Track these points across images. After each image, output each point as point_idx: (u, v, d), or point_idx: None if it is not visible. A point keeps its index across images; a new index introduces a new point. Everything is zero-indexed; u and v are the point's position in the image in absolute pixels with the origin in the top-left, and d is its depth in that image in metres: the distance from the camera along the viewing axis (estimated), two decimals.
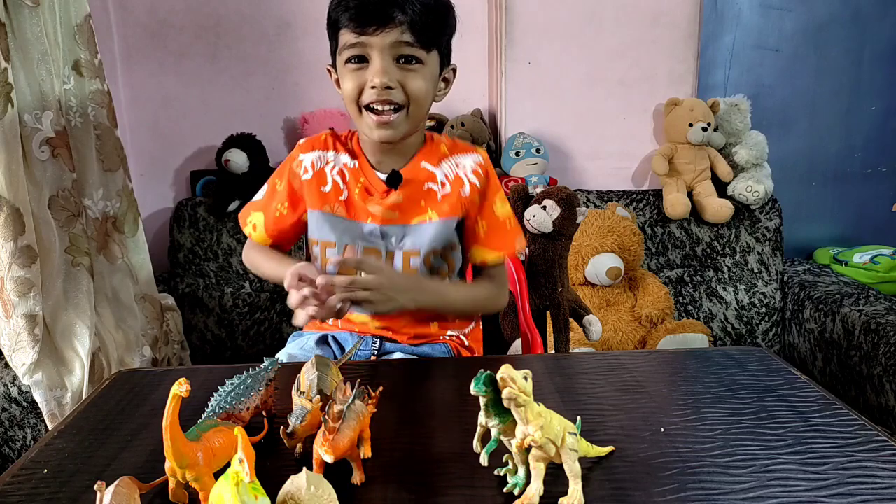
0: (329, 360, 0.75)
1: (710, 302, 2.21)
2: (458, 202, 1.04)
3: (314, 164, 1.06)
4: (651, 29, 2.20)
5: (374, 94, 0.95)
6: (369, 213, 1.03)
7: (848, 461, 0.66)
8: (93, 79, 1.62)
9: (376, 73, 0.94)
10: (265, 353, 1.05)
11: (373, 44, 0.93)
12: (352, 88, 0.96)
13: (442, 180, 1.04)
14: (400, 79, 0.95)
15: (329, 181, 1.05)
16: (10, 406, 1.54)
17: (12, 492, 0.64)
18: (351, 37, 0.94)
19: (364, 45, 0.94)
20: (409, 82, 0.96)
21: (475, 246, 1.07)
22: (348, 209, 1.04)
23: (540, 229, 1.53)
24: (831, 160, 2.39)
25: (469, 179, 1.05)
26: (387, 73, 0.94)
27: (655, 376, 0.89)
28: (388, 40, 0.93)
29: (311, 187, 1.05)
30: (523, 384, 0.56)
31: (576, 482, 0.59)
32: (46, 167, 1.53)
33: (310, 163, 1.06)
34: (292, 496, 0.53)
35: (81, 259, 1.61)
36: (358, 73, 0.96)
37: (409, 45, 0.94)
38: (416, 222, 1.03)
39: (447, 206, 1.03)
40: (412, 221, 1.03)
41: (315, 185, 1.05)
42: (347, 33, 0.95)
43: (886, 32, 2.29)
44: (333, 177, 1.05)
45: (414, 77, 0.96)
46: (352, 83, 0.96)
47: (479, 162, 1.06)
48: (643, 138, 2.31)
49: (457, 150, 1.07)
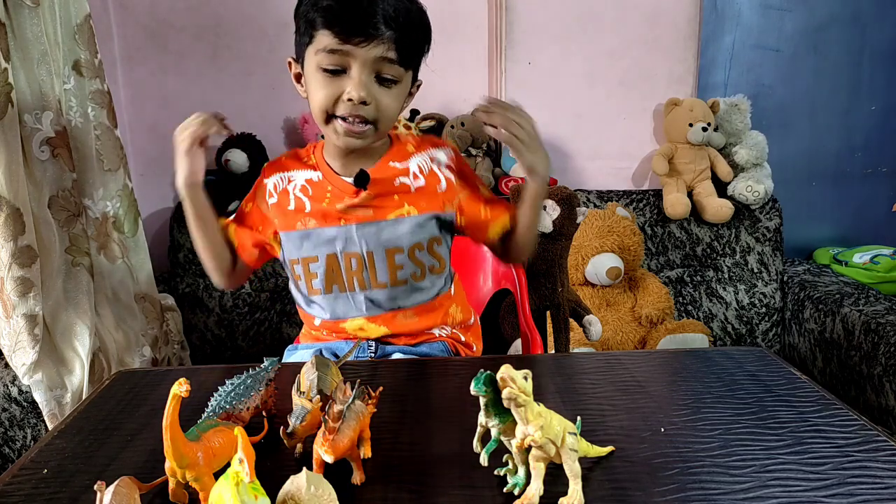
0: (329, 360, 0.75)
1: (710, 302, 2.21)
2: (436, 197, 1.03)
3: (276, 187, 1.06)
4: (651, 29, 2.20)
5: (348, 108, 0.93)
6: (341, 215, 1.02)
7: (848, 461, 0.66)
8: (93, 79, 1.62)
9: (355, 87, 0.92)
10: (265, 353, 1.05)
11: (356, 55, 0.91)
12: (324, 97, 0.94)
13: (415, 172, 1.03)
14: (376, 94, 0.94)
15: (292, 200, 1.04)
16: (10, 406, 1.54)
17: (12, 492, 0.64)
18: (332, 42, 0.91)
19: (346, 55, 0.91)
20: (383, 100, 0.95)
21: (490, 224, 1.07)
22: (318, 220, 1.03)
23: (540, 229, 1.53)
24: (831, 160, 2.39)
25: (444, 175, 1.04)
26: (365, 88, 0.92)
27: (655, 376, 0.89)
28: (371, 55, 0.91)
29: (278, 210, 1.05)
30: (523, 384, 0.56)
31: (576, 482, 0.59)
32: (46, 167, 1.53)
33: (272, 186, 1.06)
34: (292, 496, 0.53)
35: (81, 259, 1.61)
36: (333, 83, 0.93)
37: (390, 64, 0.93)
38: (392, 217, 1.02)
39: (424, 201, 1.02)
40: (388, 217, 1.02)
41: (281, 207, 1.05)
42: (327, 37, 0.91)
43: (886, 32, 2.29)
44: (296, 194, 1.04)
45: (389, 95, 0.95)
46: (325, 91, 0.94)
47: (451, 156, 1.06)
48: (643, 138, 2.31)
49: (426, 145, 1.06)
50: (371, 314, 1.05)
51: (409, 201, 1.02)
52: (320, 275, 1.04)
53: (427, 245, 1.04)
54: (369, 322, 1.05)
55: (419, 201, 1.02)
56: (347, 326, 1.06)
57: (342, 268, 1.03)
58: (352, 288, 1.04)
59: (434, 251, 1.05)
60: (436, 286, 1.08)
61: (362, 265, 1.03)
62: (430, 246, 1.05)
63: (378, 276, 1.03)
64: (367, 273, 1.03)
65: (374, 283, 1.03)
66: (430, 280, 1.07)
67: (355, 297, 1.04)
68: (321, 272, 1.04)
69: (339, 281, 1.04)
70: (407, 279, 1.04)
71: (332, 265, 1.03)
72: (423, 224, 1.03)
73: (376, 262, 1.02)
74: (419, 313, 1.07)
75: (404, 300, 1.05)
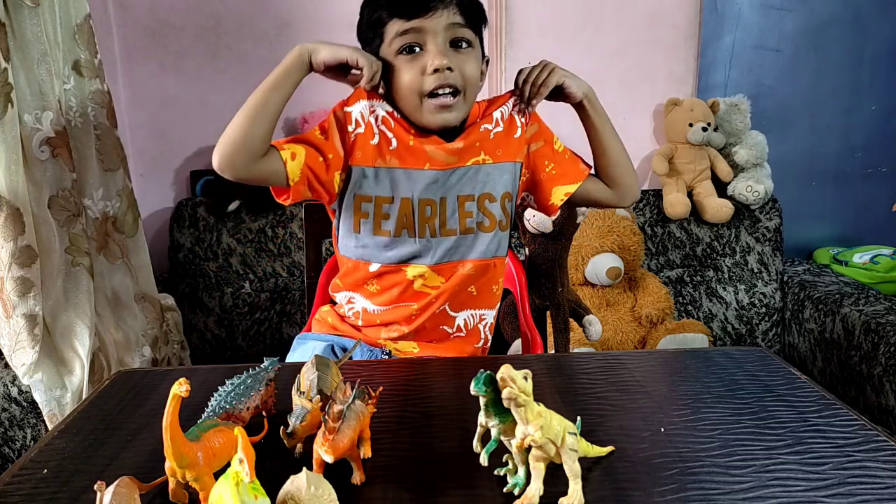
0: (329, 360, 0.74)
1: (710, 302, 2.21)
2: (513, 145, 1.05)
3: (363, 116, 1.01)
4: (651, 29, 2.20)
5: (435, 80, 0.95)
6: (427, 157, 1.01)
7: (848, 461, 0.66)
8: (93, 79, 1.62)
9: (435, 57, 0.94)
10: (265, 353, 1.05)
11: (426, 28, 0.94)
12: (410, 78, 0.96)
13: (497, 119, 1.04)
14: (456, 61, 0.95)
15: (376, 133, 1.02)
16: (10, 406, 1.54)
17: (12, 492, 0.64)
18: (402, 24, 0.94)
19: (418, 31, 0.94)
20: (464, 65, 0.96)
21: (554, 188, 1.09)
22: (401, 159, 1.01)
23: (540, 229, 1.53)
24: (831, 160, 2.39)
25: (520, 122, 1.06)
26: (445, 56, 0.94)
27: (655, 376, 0.89)
28: (442, 22, 0.94)
29: (363, 141, 1.01)
30: (523, 384, 0.56)
31: (576, 482, 0.59)
32: (46, 167, 1.53)
33: (359, 114, 1.02)
34: (292, 496, 0.53)
35: (81, 259, 1.61)
36: (414, 62, 0.96)
37: (461, 27, 0.95)
38: (471, 163, 1.03)
39: (501, 149, 1.04)
40: (468, 163, 1.03)
41: (366, 138, 1.02)
42: (397, 22, 0.95)
43: (886, 33, 2.29)
44: (379, 127, 1.02)
45: (468, 60, 0.97)
46: (409, 73, 0.96)
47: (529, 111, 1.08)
48: (643, 138, 2.31)
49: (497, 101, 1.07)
50: (437, 263, 1.05)
51: (486, 150, 1.03)
52: (393, 216, 1.03)
53: (500, 198, 1.05)
54: (432, 271, 1.05)
55: (495, 150, 1.04)
56: (409, 272, 1.05)
57: (416, 212, 1.02)
58: (423, 234, 1.03)
59: (504, 206, 1.06)
60: (497, 243, 1.08)
61: (436, 211, 1.03)
62: (502, 200, 1.05)
63: (448, 223, 1.03)
64: (439, 220, 1.03)
65: (444, 229, 1.04)
66: (494, 234, 1.07)
67: (424, 243, 1.04)
68: (394, 213, 1.02)
69: (410, 226, 1.03)
70: (474, 227, 1.05)
71: (405, 208, 1.02)
72: (498, 173, 1.04)
73: (447, 209, 1.03)
74: (478, 269, 1.06)
75: (468, 251, 1.06)
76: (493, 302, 1.13)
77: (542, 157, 1.09)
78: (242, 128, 0.95)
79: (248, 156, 0.96)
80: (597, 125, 1.06)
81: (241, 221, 2.12)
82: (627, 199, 1.14)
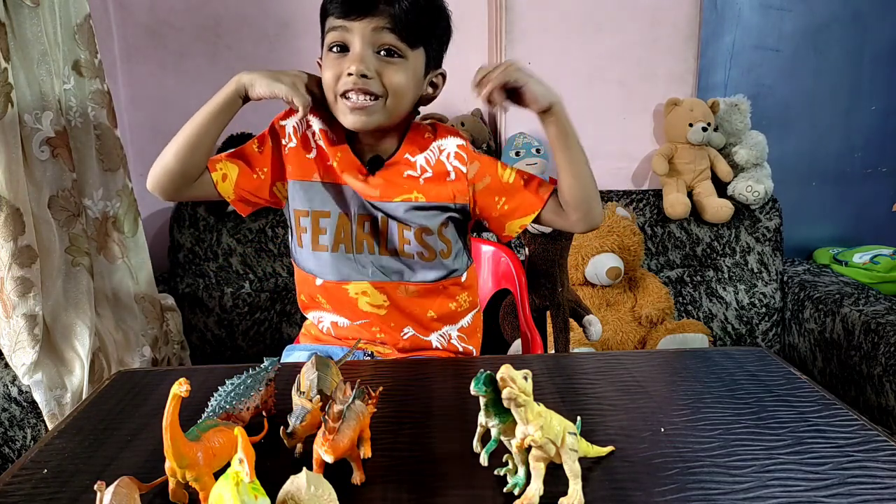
0: (329, 360, 0.75)
1: (710, 302, 2.21)
2: (446, 188, 1.01)
3: (296, 130, 1.03)
4: (651, 29, 2.20)
5: (349, 82, 0.93)
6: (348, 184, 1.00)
7: (848, 461, 0.66)
8: (93, 79, 1.62)
9: (353, 61, 0.92)
10: (265, 353, 1.04)
11: (353, 29, 0.92)
12: (330, 76, 0.95)
13: (422, 165, 1.01)
14: (378, 69, 0.93)
15: (314, 147, 1.02)
16: (10, 406, 1.54)
17: (12, 492, 0.64)
18: (334, 21, 0.94)
19: (345, 30, 0.93)
20: (388, 74, 0.94)
21: (508, 223, 1.04)
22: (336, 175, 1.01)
23: (540, 229, 1.53)
24: (831, 160, 2.39)
25: (452, 165, 1.02)
26: (364, 62, 0.92)
27: (655, 376, 0.89)
28: (369, 27, 0.92)
29: (297, 155, 1.02)
30: (523, 384, 0.56)
31: (576, 482, 0.59)
32: (46, 167, 1.53)
33: (291, 129, 1.03)
34: (292, 496, 0.53)
35: (81, 259, 1.61)
36: (338, 62, 0.94)
37: (390, 35, 0.93)
38: (399, 200, 1.00)
39: (434, 191, 1.01)
40: (395, 200, 1.00)
41: (300, 153, 1.02)
42: (333, 19, 0.94)
43: (886, 32, 2.29)
44: (317, 142, 1.02)
45: (394, 70, 0.94)
46: (330, 71, 0.95)
47: (461, 145, 1.03)
48: (643, 138, 2.31)
49: (440, 133, 1.04)
50: (376, 280, 1.03)
51: (417, 189, 1.01)
52: (330, 231, 1.02)
53: (437, 230, 1.02)
54: (374, 287, 1.03)
55: (428, 190, 1.01)
56: (350, 290, 1.03)
57: (353, 228, 1.01)
58: (360, 249, 1.02)
59: (444, 236, 1.03)
60: (446, 268, 1.06)
61: (374, 229, 1.01)
62: (439, 231, 1.03)
63: (388, 243, 1.02)
64: (378, 238, 1.02)
65: (383, 248, 1.02)
66: (439, 262, 1.05)
67: (362, 259, 1.02)
68: (331, 229, 1.01)
69: (347, 241, 1.02)
70: (413, 255, 1.03)
71: (343, 224, 1.01)
72: (430, 211, 1.01)
73: (389, 229, 1.01)
74: (422, 293, 1.05)
75: (410, 275, 1.04)
76: (456, 318, 1.11)
77: (491, 193, 1.03)
78: (177, 157, 0.98)
79: (182, 182, 1.00)
80: (560, 140, 0.97)
81: (241, 221, 2.12)
82: (582, 225, 1.01)
